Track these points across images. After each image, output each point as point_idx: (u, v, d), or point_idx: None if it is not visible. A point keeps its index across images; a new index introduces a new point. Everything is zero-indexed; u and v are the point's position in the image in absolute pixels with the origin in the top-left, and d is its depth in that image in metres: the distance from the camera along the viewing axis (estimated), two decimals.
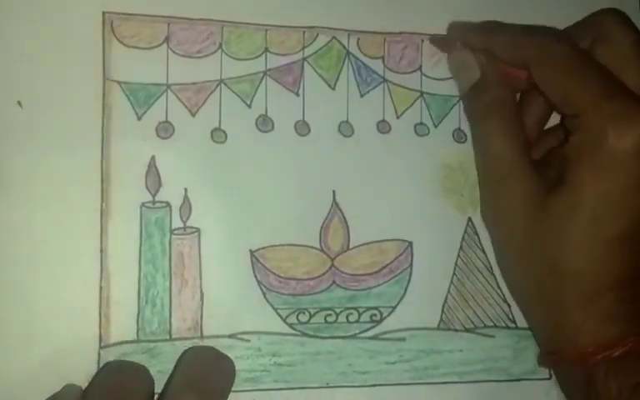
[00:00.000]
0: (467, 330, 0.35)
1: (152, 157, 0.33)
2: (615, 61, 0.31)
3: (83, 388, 0.30)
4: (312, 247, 0.34)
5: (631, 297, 0.31)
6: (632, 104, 0.30)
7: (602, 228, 0.30)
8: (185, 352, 0.32)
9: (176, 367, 0.31)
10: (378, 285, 0.35)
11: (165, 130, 0.33)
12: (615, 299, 0.31)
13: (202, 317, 0.33)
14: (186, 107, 0.33)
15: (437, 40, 0.36)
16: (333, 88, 0.35)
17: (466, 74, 0.35)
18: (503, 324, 0.36)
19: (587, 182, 0.30)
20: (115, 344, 0.32)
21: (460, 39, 0.35)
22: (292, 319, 0.34)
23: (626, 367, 0.30)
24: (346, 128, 0.35)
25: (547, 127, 0.37)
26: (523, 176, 0.32)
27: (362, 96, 0.36)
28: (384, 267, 0.35)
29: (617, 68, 0.31)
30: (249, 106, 0.34)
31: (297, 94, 0.35)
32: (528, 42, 0.33)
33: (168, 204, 0.33)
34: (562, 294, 0.31)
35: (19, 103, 0.31)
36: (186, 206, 0.33)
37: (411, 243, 0.35)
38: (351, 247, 0.35)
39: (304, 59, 0.35)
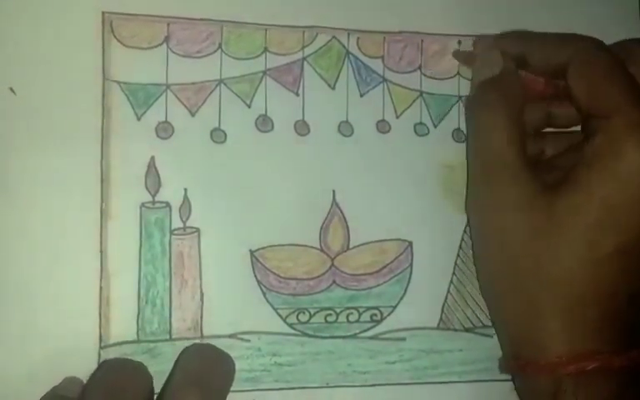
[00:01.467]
0: (467, 330, 0.35)
1: (152, 158, 0.33)
2: None
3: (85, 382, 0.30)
4: (312, 247, 0.34)
5: (612, 312, 0.30)
6: None
7: (602, 237, 0.30)
8: (184, 350, 0.32)
9: (175, 364, 0.31)
10: (378, 285, 0.35)
11: (165, 130, 0.33)
12: (596, 313, 0.30)
13: (202, 317, 0.33)
14: (185, 107, 0.33)
15: (462, 55, 0.36)
16: (333, 88, 0.35)
17: (487, 69, 0.34)
18: None
19: (599, 184, 0.30)
20: (115, 344, 0.32)
21: (492, 45, 0.35)
22: (292, 319, 0.34)
23: (597, 382, 0.30)
24: (346, 128, 0.35)
25: None
26: (524, 171, 0.32)
27: (361, 95, 0.35)
28: (384, 267, 0.35)
29: None
30: (249, 106, 0.34)
31: (297, 94, 0.35)
32: (568, 44, 0.33)
33: (168, 204, 0.33)
34: (542, 298, 0.31)
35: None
36: (185, 206, 0.33)
37: (411, 243, 0.35)
38: (351, 246, 0.35)
39: (304, 59, 0.35)
